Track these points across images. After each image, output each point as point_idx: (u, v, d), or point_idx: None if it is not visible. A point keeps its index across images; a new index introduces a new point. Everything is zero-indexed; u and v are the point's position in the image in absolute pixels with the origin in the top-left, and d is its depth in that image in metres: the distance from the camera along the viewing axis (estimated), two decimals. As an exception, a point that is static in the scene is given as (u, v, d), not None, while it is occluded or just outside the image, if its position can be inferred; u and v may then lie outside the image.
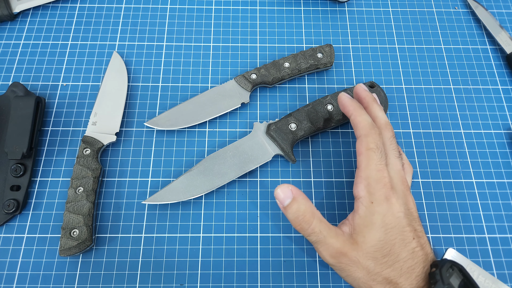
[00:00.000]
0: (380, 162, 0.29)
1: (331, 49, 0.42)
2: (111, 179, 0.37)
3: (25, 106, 0.36)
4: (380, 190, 0.28)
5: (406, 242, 0.27)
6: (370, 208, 0.28)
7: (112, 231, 0.35)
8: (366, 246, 0.27)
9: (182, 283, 0.34)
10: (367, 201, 0.28)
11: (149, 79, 0.42)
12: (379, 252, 0.27)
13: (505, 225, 0.36)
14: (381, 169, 0.29)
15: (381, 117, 0.32)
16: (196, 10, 0.46)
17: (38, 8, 0.45)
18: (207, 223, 0.36)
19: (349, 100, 0.33)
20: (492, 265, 0.35)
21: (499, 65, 0.44)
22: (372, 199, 0.28)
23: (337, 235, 0.28)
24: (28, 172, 0.36)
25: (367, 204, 0.28)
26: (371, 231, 0.27)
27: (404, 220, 0.28)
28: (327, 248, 0.28)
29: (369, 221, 0.28)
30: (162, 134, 0.39)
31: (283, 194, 0.29)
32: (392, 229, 0.27)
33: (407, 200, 0.29)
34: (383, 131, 0.31)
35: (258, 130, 0.38)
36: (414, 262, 0.27)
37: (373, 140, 0.29)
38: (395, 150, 0.31)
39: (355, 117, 0.31)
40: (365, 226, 0.28)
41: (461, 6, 0.48)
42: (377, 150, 0.29)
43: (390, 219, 0.27)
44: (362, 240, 0.27)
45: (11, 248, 0.34)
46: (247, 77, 0.40)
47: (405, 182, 0.30)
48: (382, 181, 0.28)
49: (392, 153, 0.30)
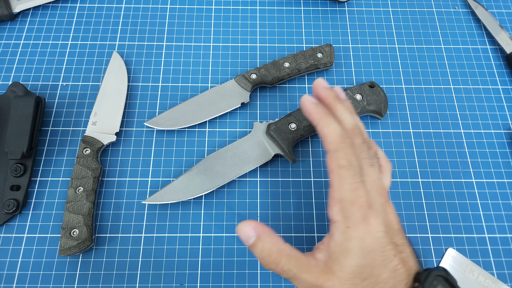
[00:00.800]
0: (354, 180, 0.25)
1: (331, 49, 0.42)
2: (111, 179, 0.37)
3: (25, 106, 0.36)
4: (357, 212, 0.25)
5: (386, 262, 0.25)
6: (346, 234, 0.25)
7: (112, 231, 0.35)
8: (343, 274, 0.25)
9: (182, 283, 0.34)
10: (343, 226, 0.25)
11: (149, 79, 0.42)
12: (358, 277, 0.25)
13: (505, 225, 0.36)
14: (355, 188, 0.25)
15: (346, 120, 0.28)
16: (196, 10, 0.46)
17: (38, 8, 0.45)
18: (207, 223, 0.36)
19: (314, 105, 0.28)
20: (492, 265, 0.35)
21: (499, 65, 0.44)
22: (348, 224, 0.25)
23: (309, 269, 0.25)
24: (28, 172, 0.36)
25: (343, 229, 0.25)
26: (348, 258, 0.25)
27: (384, 239, 0.25)
28: (300, 283, 0.25)
29: (345, 247, 0.25)
30: (162, 134, 0.39)
31: (244, 235, 0.26)
32: (371, 252, 0.25)
33: (387, 214, 0.26)
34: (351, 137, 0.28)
35: (258, 130, 0.38)
36: (396, 281, 0.25)
37: (344, 156, 0.26)
38: (367, 158, 0.27)
39: (322, 127, 0.27)
40: (341, 253, 0.25)
41: (461, 6, 0.48)
42: (349, 167, 0.26)
43: (368, 242, 0.25)
44: (338, 268, 0.25)
45: (11, 248, 0.34)
46: (247, 77, 0.40)
47: (383, 193, 0.27)
48: (358, 201, 0.25)
49: (365, 163, 0.27)
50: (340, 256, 0.25)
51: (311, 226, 0.36)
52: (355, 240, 0.25)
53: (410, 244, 0.27)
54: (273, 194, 0.37)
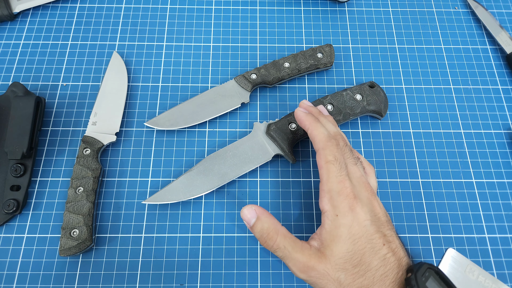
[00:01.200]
0: (340, 173, 0.29)
1: (331, 49, 0.42)
2: (111, 179, 0.37)
3: (25, 106, 0.36)
4: (343, 202, 0.28)
5: (376, 249, 0.27)
6: (335, 221, 0.28)
7: (112, 231, 0.35)
8: (335, 259, 0.27)
9: (182, 283, 0.34)
10: (332, 214, 0.28)
11: (149, 79, 0.42)
12: (349, 262, 0.27)
13: (505, 225, 0.36)
14: (342, 180, 0.29)
15: (330, 129, 0.32)
16: (196, 10, 0.46)
17: (38, 8, 0.45)
18: (207, 223, 0.36)
19: (304, 114, 0.33)
20: (492, 265, 0.35)
21: (499, 65, 0.44)
22: (337, 212, 0.28)
23: (302, 250, 0.28)
24: (28, 172, 0.36)
25: (332, 217, 0.28)
26: (338, 243, 0.27)
27: (371, 228, 0.28)
28: (294, 264, 0.28)
29: (335, 234, 0.27)
30: (162, 134, 0.39)
31: (249, 215, 0.29)
32: (360, 239, 0.27)
33: (373, 206, 0.29)
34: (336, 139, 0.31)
35: (258, 130, 0.38)
36: (386, 269, 0.27)
37: (330, 152, 0.29)
38: (350, 158, 0.31)
39: (312, 131, 0.32)
40: (331, 240, 0.28)
41: (461, 6, 0.48)
42: (335, 162, 0.29)
43: (356, 229, 0.27)
44: (330, 253, 0.27)
45: (11, 248, 0.34)
46: (247, 77, 0.40)
47: (368, 187, 0.30)
48: (344, 192, 0.28)
49: (349, 162, 0.30)
50: (331, 243, 0.28)
51: (311, 226, 0.36)
52: (344, 227, 0.27)
53: (398, 237, 0.29)
54: (273, 194, 0.37)
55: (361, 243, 0.27)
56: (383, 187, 0.38)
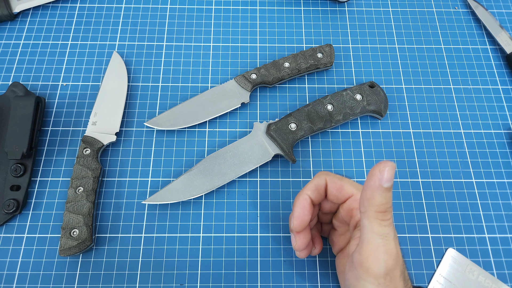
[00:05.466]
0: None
1: (331, 49, 0.42)
2: (111, 179, 0.37)
3: (25, 106, 0.36)
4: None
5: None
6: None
7: (112, 231, 0.35)
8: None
9: (182, 283, 0.34)
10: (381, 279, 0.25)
11: (149, 79, 0.42)
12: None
13: (505, 225, 0.36)
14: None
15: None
16: (196, 10, 0.46)
17: (38, 8, 0.45)
18: (207, 223, 0.36)
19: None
20: (492, 265, 0.35)
21: (499, 65, 0.44)
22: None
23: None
24: (28, 172, 0.36)
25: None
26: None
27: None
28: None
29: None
30: (162, 134, 0.39)
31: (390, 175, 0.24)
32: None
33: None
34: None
35: (258, 130, 0.38)
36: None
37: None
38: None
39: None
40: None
41: (461, 6, 0.48)
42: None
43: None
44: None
45: (11, 248, 0.34)
46: (247, 77, 0.40)
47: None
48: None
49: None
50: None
51: (311, 226, 0.36)
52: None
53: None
54: (273, 194, 0.37)
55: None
56: (383, 187, 0.37)
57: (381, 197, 0.24)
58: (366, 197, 0.24)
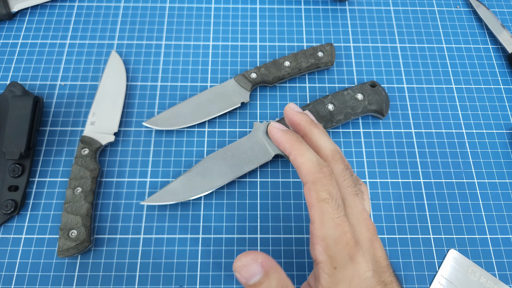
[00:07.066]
0: (337, 214, 0.23)
1: (332, 48, 0.42)
2: (109, 180, 0.37)
3: (23, 106, 0.36)
4: (343, 251, 0.23)
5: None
6: (333, 276, 0.23)
7: (110, 232, 0.35)
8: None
9: (181, 284, 0.33)
10: (329, 267, 0.23)
11: (148, 79, 0.42)
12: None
13: (507, 225, 0.36)
14: (340, 223, 0.23)
15: (325, 145, 0.26)
16: (196, 9, 0.46)
17: (36, 7, 0.45)
18: (206, 224, 0.35)
19: (283, 133, 0.26)
20: (494, 266, 0.34)
21: (501, 65, 0.44)
22: (335, 264, 0.23)
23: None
24: (26, 172, 0.36)
25: (330, 271, 0.23)
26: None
27: (373, 280, 0.23)
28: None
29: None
30: (161, 134, 0.39)
31: (248, 272, 0.23)
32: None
33: (375, 250, 0.24)
34: (331, 165, 0.25)
35: (258, 130, 0.37)
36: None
37: (323, 188, 0.23)
38: (350, 187, 0.25)
39: (295, 157, 0.25)
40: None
41: (462, 5, 0.48)
42: (331, 200, 0.23)
43: (356, 283, 0.23)
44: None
45: (9, 249, 0.34)
46: (247, 76, 0.40)
47: (370, 225, 0.25)
48: (344, 239, 0.23)
49: (349, 192, 0.25)
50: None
51: (311, 227, 0.35)
52: (343, 283, 0.23)
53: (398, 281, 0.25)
54: (273, 194, 0.37)
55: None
56: (385, 188, 0.37)
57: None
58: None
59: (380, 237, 0.35)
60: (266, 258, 0.23)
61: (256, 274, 0.23)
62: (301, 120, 0.27)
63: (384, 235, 0.35)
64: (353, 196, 0.25)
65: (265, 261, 0.23)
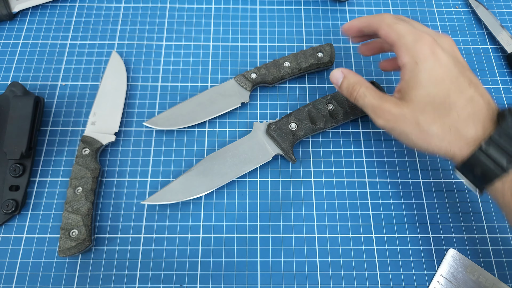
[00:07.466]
0: (413, 29, 0.28)
1: (331, 48, 0.42)
2: (110, 179, 0.37)
3: (24, 106, 0.36)
4: (423, 47, 0.27)
5: (461, 89, 0.26)
6: (414, 70, 0.27)
7: (111, 232, 0.35)
8: (414, 103, 0.27)
9: (181, 283, 0.33)
10: (412, 63, 0.27)
11: (148, 79, 0.42)
12: (430, 105, 0.26)
13: (506, 225, 0.36)
14: (416, 32, 0.28)
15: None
16: (196, 10, 0.46)
17: (37, 7, 0.45)
18: (206, 224, 0.36)
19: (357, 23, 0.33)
20: (493, 265, 0.35)
21: (500, 65, 0.44)
22: (416, 59, 0.27)
23: (380, 97, 0.29)
24: (27, 172, 0.36)
25: (412, 67, 0.27)
26: (418, 89, 0.27)
27: (454, 69, 0.27)
28: (371, 110, 0.29)
29: (415, 81, 0.27)
30: (161, 134, 0.39)
31: (335, 78, 0.33)
32: (443, 81, 0.26)
33: (455, 53, 0.28)
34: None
35: (258, 130, 0.38)
36: (475, 109, 0.26)
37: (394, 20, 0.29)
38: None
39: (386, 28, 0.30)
40: (410, 87, 0.27)
41: (462, 5, 0.48)
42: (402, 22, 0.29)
43: (438, 71, 0.27)
44: (408, 99, 0.27)
45: (10, 248, 0.34)
46: (247, 76, 0.40)
47: (449, 38, 0.29)
48: (423, 38, 0.27)
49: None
50: (410, 90, 0.27)
51: (311, 226, 0.36)
52: (424, 72, 0.27)
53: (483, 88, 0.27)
54: (273, 194, 0.37)
55: (444, 85, 0.26)
56: (384, 187, 0.37)
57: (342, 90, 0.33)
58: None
59: (379, 236, 0.35)
60: (345, 69, 0.33)
61: (339, 77, 0.33)
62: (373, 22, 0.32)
63: (384, 234, 0.35)
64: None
65: (344, 70, 0.33)
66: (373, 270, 0.34)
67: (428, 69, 0.27)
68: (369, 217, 0.36)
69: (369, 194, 0.37)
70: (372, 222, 0.36)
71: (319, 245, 0.35)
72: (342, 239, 0.35)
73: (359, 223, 0.36)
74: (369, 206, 0.37)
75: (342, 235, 0.35)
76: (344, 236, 0.35)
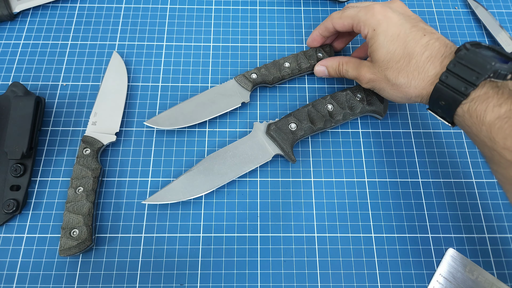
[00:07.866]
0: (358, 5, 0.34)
1: (331, 49, 0.42)
2: (111, 179, 0.37)
3: (25, 106, 0.36)
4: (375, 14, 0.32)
5: (417, 39, 0.30)
6: (374, 36, 0.32)
7: (112, 231, 0.35)
8: (378, 63, 0.32)
9: (182, 283, 0.33)
10: (371, 32, 0.32)
11: (149, 79, 0.42)
12: (392, 60, 0.31)
13: (505, 225, 0.36)
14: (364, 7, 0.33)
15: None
16: (196, 10, 0.46)
17: (38, 8, 0.45)
18: (207, 223, 0.36)
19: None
20: (492, 265, 0.35)
21: (499, 65, 0.44)
22: (374, 27, 0.32)
23: (357, 67, 0.35)
24: (28, 172, 0.36)
25: (371, 34, 0.32)
26: (379, 50, 0.31)
27: (407, 24, 0.30)
28: (354, 78, 0.37)
29: (376, 45, 0.31)
30: (162, 133, 0.39)
31: (321, 71, 0.39)
32: (398, 36, 0.30)
33: (405, 10, 0.33)
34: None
35: (258, 130, 0.38)
36: (432, 52, 0.29)
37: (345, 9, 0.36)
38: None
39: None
40: (374, 51, 0.32)
41: (461, 6, 0.48)
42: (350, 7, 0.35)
43: (392, 30, 0.30)
44: (375, 60, 0.32)
45: (11, 248, 0.34)
46: (247, 76, 0.40)
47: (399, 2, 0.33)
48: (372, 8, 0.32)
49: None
50: (375, 53, 0.32)
51: (311, 226, 0.36)
52: (381, 34, 0.31)
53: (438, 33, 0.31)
54: (273, 194, 0.37)
55: (400, 39, 0.30)
56: (383, 187, 0.38)
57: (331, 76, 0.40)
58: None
59: (379, 236, 0.35)
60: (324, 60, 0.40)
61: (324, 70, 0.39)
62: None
63: (383, 234, 0.36)
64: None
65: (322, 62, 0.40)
66: (372, 270, 0.34)
67: (383, 31, 0.31)
68: (368, 217, 0.36)
69: (368, 194, 0.37)
70: (371, 221, 0.36)
71: (318, 244, 0.35)
72: (342, 239, 0.35)
73: (359, 223, 0.36)
74: (368, 206, 0.37)
75: (342, 235, 0.35)
76: (343, 236, 0.35)
